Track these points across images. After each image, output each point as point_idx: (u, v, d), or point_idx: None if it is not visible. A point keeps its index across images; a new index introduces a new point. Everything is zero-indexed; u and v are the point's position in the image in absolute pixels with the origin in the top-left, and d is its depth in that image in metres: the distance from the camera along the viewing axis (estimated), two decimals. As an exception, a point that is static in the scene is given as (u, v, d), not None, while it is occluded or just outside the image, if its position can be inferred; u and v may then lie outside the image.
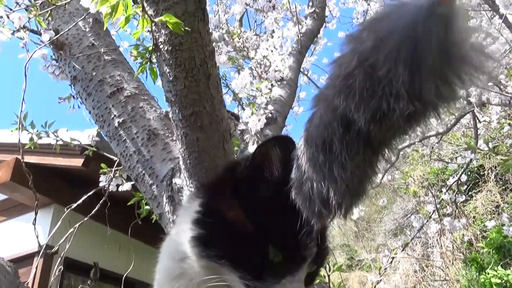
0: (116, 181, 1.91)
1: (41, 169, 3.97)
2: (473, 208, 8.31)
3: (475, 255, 6.93)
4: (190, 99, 1.16)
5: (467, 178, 7.12)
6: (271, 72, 2.82)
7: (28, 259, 3.94)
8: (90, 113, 1.63)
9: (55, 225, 4.10)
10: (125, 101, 1.55)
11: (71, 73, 1.63)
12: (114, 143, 1.55)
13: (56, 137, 1.85)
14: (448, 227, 5.96)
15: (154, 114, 1.55)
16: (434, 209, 5.82)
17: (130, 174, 1.55)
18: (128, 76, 1.60)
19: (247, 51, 3.22)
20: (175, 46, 1.10)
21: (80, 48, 1.60)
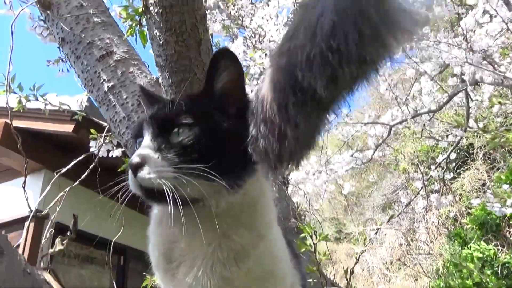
0: (106, 147, 1.90)
1: (31, 134, 3.93)
2: (460, 185, 8.47)
3: (459, 231, 7.11)
4: (181, 65, 1.14)
5: (456, 156, 7.22)
6: (265, 42, 2.77)
7: (19, 223, 3.96)
8: (79, 77, 1.60)
9: (45, 190, 4.12)
10: (115, 65, 1.51)
11: (59, 34, 1.58)
12: (103, 108, 1.53)
13: (44, 100, 1.82)
14: (435, 203, 6.10)
15: (145, 80, 1.52)
16: (422, 186, 5.93)
17: (120, 140, 1.54)
18: (118, 40, 1.56)
19: (242, 20, 3.15)
20: (166, 8, 1.07)
21: (68, 8, 1.55)
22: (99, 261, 4.90)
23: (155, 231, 0.87)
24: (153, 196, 0.76)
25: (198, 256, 0.78)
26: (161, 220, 0.86)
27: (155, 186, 0.73)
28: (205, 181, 0.73)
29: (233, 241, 0.78)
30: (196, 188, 0.73)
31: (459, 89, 4.73)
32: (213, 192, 0.75)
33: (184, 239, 0.80)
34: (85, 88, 1.61)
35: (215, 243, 0.78)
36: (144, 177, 0.73)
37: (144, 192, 0.76)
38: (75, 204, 2.23)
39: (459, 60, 3.95)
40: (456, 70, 4.77)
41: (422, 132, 6.18)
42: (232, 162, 0.76)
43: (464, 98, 5.26)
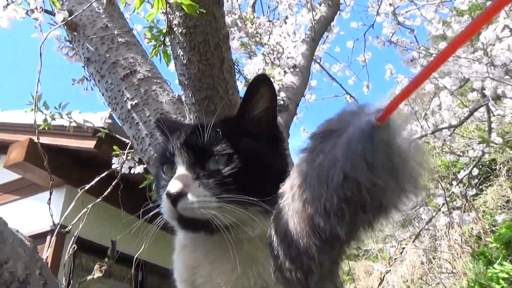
0: (128, 164, 1.93)
1: (54, 150, 4.02)
2: (483, 202, 8.23)
3: (484, 249, 6.88)
4: (204, 83, 1.16)
5: (478, 172, 7.04)
6: (283, 59, 2.79)
7: (41, 237, 4.03)
8: (103, 96, 1.64)
9: (67, 205, 4.18)
10: (138, 84, 1.55)
11: (84, 54, 1.63)
12: (126, 125, 1.56)
13: (69, 118, 1.87)
14: (457, 220, 5.94)
15: (167, 98, 1.55)
16: (444, 202, 5.78)
17: (142, 157, 1.56)
18: (141, 59, 1.60)
19: (260, 37, 3.19)
20: (190, 28, 1.09)
21: (94, 29, 1.60)
22: (118, 275, 4.91)
23: (178, 257, 0.86)
24: (191, 225, 0.75)
25: (221, 283, 0.75)
26: (185, 246, 0.85)
27: (198, 216, 0.71)
28: (246, 208, 0.72)
29: (262, 264, 0.74)
30: (236, 215, 0.72)
31: (481, 104, 4.65)
32: (251, 218, 0.73)
33: (206, 265, 0.78)
34: (109, 106, 1.64)
35: (240, 269, 0.74)
36: (187, 207, 0.72)
37: (181, 222, 0.75)
38: (95, 219, 2.26)
39: (480, 75, 3.90)
40: (476, 85, 4.70)
41: (443, 147, 6.08)
42: (269, 187, 0.73)
43: (486, 113, 5.17)
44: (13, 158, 4.04)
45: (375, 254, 11.24)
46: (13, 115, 4.64)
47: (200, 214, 0.71)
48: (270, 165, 0.77)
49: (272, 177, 0.73)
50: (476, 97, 5.22)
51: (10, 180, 4.70)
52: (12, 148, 4.16)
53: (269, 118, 0.83)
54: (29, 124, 4.07)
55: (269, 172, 0.76)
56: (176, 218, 0.75)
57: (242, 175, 0.74)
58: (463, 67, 4.08)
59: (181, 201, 0.72)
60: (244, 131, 0.81)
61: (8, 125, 4.63)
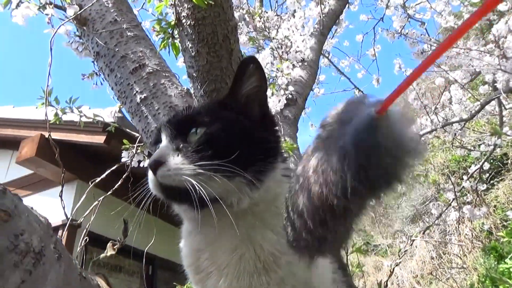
0: (137, 158, 1.94)
1: (64, 146, 4.06)
2: (494, 197, 8.14)
3: (495, 244, 6.81)
4: (212, 75, 1.16)
5: (489, 166, 6.96)
6: (292, 53, 2.78)
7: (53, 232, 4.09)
8: (113, 89, 1.65)
9: (78, 200, 4.22)
10: (147, 77, 1.55)
11: (94, 49, 1.64)
12: (136, 119, 1.57)
13: (80, 113, 1.88)
14: (468, 215, 5.88)
15: (176, 91, 1.55)
16: (454, 197, 5.73)
17: (151, 151, 1.57)
18: (150, 53, 1.61)
19: (268, 31, 3.18)
20: (198, 20, 1.09)
21: (103, 23, 1.61)
22: (128, 269, 4.97)
23: (185, 243, 0.87)
24: (173, 195, 0.77)
25: (223, 265, 0.75)
26: (190, 233, 0.86)
27: (176, 183, 0.73)
28: (226, 176, 0.72)
29: (260, 246, 0.74)
30: (217, 185, 0.72)
31: (492, 97, 4.58)
32: (235, 190, 0.74)
33: (209, 247, 0.79)
34: (118, 100, 1.65)
35: (239, 250, 0.75)
36: (164, 174, 0.74)
37: (164, 192, 0.77)
38: (106, 214, 2.28)
39: (492, 68, 3.84)
40: (488, 78, 4.63)
41: (453, 142, 6.01)
42: (251, 157, 0.76)
43: (497, 106, 5.09)
44: (25, 154, 4.10)
45: (385, 249, 11.20)
46: (24, 111, 4.69)
47: (177, 181, 0.72)
48: (254, 139, 0.78)
49: (255, 150, 0.76)
50: (488, 90, 5.14)
51: (22, 175, 4.76)
52: (24, 144, 4.22)
53: (259, 97, 0.85)
54: (40, 120, 4.12)
55: (252, 145, 0.77)
56: (158, 188, 0.77)
57: (222, 146, 0.75)
58: (474, 59, 4.02)
59: (160, 169, 0.74)
60: (230, 107, 0.84)
61: (19, 121, 4.69)
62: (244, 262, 0.74)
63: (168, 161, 0.75)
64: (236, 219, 0.74)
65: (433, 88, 7.82)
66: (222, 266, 0.75)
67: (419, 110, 5.43)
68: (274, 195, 0.79)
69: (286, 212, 0.56)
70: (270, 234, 0.76)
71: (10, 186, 4.90)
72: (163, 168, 0.74)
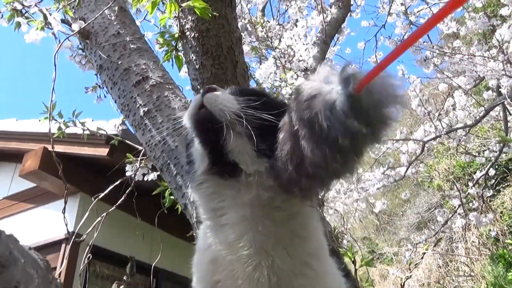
0: (141, 171, 1.92)
1: (68, 158, 4.05)
2: (500, 203, 8.05)
3: (503, 252, 6.72)
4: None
5: (494, 172, 6.89)
6: (295, 62, 2.77)
7: (55, 245, 4.05)
8: (116, 102, 1.63)
9: (81, 213, 4.21)
10: (150, 90, 1.53)
11: (97, 62, 1.63)
12: (139, 132, 1.55)
13: (83, 126, 1.87)
14: (474, 222, 5.81)
15: (179, 103, 1.53)
16: (460, 204, 5.67)
17: (155, 164, 1.55)
18: (153, 65, 1.59)
19: (271, 41, 3.17)
20: (202, 32, 1.08)
21: (106, 36, 1.60)
22: (132, 282, 4.91)
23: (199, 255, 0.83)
24: (203, 126, 0.76)
25: (238, 274, 0.72)
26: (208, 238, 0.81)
27: (217, 112, 0.73)
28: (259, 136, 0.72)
29: (273, 259, 0.71)
30: (248, 136, 0.73)
31: (497, 103, 4.55)
32: (261, 160, 0.74)
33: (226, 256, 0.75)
34: (122, 113, 1.64)
35: (254, 260, 0.71)
36: (212, 98, 0.74)
37: (197, 121, 0.76)
38: (108, 226, 2.26)
39: (496, 73, 3.82)
40: (492, 83, 4.61)
41: (458, 148, 5.96)
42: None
43: (502, 112, 5.06)
44: (28, 167, 4.08)
45: (390, 257, 11.08)
46: (27, 124, 4.69)
47: (219, 110, 0.73)
48: None
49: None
50: (492, 96, 5.11)
51: (25, 188, 4.75)
52: (27, 157, 4.21)
53: None
54: (43, 132, 4.11)
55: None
56: (194, 115, 0.76)
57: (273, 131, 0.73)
58: (478, 65, 4.00)
59: (210, 93, 0.75)
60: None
61: (23, 134, 4.69)
62: (259, 274, 0.71)
63: (221, 92, 0.77)
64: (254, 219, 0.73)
65: (436, 94, 7.80)
66: (237, 275, 0.72)
67: (423, 116, 5.40)
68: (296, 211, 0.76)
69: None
70: (283, 252, 0.73)
71: (13, 199, 4.89)
72: (214, 94, 0.75)
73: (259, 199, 0.74)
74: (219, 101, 0.74)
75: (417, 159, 5.80)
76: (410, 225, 11.05)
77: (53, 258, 3.97)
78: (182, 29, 1.10)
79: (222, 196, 0.77)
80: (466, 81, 4.75)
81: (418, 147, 5.36)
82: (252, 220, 0.73)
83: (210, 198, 0.80)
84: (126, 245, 4.43)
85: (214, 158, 0.77)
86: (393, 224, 12.26)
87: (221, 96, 0.76)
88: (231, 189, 0.76)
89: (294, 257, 0.73)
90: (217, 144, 0.74)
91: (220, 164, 0.76)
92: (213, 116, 0.73)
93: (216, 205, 0.78)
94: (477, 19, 3.83)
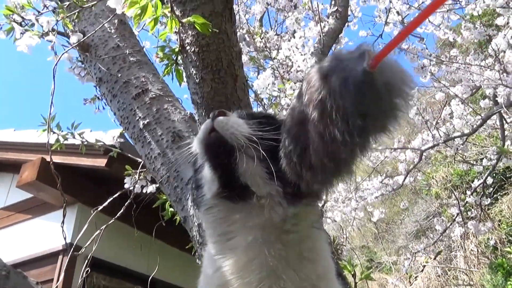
0: (140, 183, 1.91)
1: (65, 169, 4.03)
2: (498, 211, 8.06)
3: (502, 261, 6.71)
4: (217, 101, 1.14)
5: (492, 181, 6.91)
6: (293, 73, 2.79)
7: (52, 257, 4.01)
8: (115, 115, 1.63)
9: (78, 223, 4.18)
10: (150, 102, 1.54)
11: (96, 74, 1.63)
12: (138, 145, 1.55)
13: (82, 138, 1.87)
14: (473, 230, 5.81)
15: (179, 116, 1.54)
16: (458, 212, 5.67)
17: (154, 176, 1.54)
18: (153, 78, 1.60)
19: (269, 51, 3.19)
20: (202, 47, 1.08)
21: (106, 49, 1.61)
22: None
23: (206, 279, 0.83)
24: (213, 149, 0.76)
25: None
26: (218, 269, 0.79)
27: (227, 136, 0.74)
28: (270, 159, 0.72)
29: (284, 283, 0.71)
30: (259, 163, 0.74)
31: (494, 111, 4.58)
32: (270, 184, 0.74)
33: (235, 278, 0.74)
34: (121, 126, 1.64)
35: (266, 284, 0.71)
36: (222, 122, 0.75)
37: (208, 145, 0.77)
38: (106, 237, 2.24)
39: (492, 82, 3.85)
40: (488, 92, 4.64)
41: (455, 156, 5.98)
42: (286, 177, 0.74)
43: (498, 120, 5.09)
44: (26, 178, 4.06)
45: (389, 266, 11.03)
46: (25, 135, 4.68)
47: (230, 134, 0.74)
48: None
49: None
50: (488, 104, 5.15)
51: (22, 199, 4.72)
52: (25, 167, 4.19)
53: None
54: (41, 143, 4.09)
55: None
56: (205, 139, 0.77)
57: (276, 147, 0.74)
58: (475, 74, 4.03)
59: (220, 117, 0.77)
60: None
61: (20, 145, 4.67)
62: None
63: (231, 116, 0.78)
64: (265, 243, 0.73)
65: (433, 102, 7.84)
66: None
67: (421, 125, 5.43)
68: (305, 234, 0.77)
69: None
70: (293, 275, 0.73)
71: (10, 210, 4.85)
72: (224, 118, 0.77)
73: (270, 222, 0.75)
74: (230, 124, 0.75)
75: (415, 167, 5.81)
76: (409, 234, 11.02)
77: (49, 270, 3.93)
78: (182, 43, 1.11)
79: (231, 220, 0.78)
80: (463, 90, 4.78)
81: (416, 156, 5.38)
82: (263, 243, 0.73)
83: (219, 222, 0.80)
84: (123, 256, 4.40)
85: (225, 182, 0.77)
86: (392, 232, 12.23)
87: (231, 120, 0.77)
88: (241, 213, 0.77)
89: (303, 279, 0.73)
90: (228, 167, 0.75)
91: (230, 187, 0.77)
92: (224, 140, 0.74)
93: (225, 229, 0.78)
94: (473, 29, 3.87)
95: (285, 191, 0.74)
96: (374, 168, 6.25)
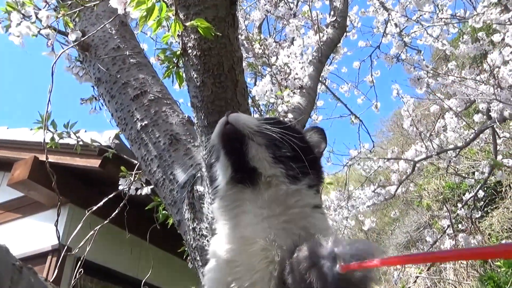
0: (135, 185, 1.90)
1: (58, 168, 3.98)
2: (488, 225, 8.11)
3: (492, 274, 6.73)
4: (217, 106, 1.14)
5: (483, 194, 6.96)
6: (291, 80, 2.80)
7: (41, 257, 3.95)
8: (112, 116, 1.63)
9: (69, 224, 4.13)
10: (148, 104, 1.54)
11: (95, 74, 1.63)
12: (135, 146, 1.54)
13: (77, 138, 1.85)
14: (463, 243, 5.83)
15: (177, 119, 1.53)
16: (449, 224, 5.70)
17: (150, 179, 1.54)
18: (152, 80, 1.60)
19: (268, 58, 3.20)
20: (204, 51, 1.08)
21: (106, 50, 1.60)
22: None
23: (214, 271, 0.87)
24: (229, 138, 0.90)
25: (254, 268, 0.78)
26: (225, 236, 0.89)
27: (240, 127, 0.89)
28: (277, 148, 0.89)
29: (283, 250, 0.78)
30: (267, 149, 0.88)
31: (487, 126, 4.63)
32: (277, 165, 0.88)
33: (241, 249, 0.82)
34: (118, 127, 1.63)
35: (270, 253, 0.78)
36: (235, 117, 0.90)
37: (223, 135, 0.90)
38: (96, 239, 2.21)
39: (486, 97, 3.89)
40: (481, 107, 4.69)
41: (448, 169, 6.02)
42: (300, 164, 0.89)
43: (491, 135, 5.14)
44: (17, 176, 4.01)
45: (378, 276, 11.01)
46: (18, 133, 4.63)
47: (242, 124, 0.89)
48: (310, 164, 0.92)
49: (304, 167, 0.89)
50: (482, 119, 5.20)
51: (12, 198, 4.65)
52: (17, 165, 4.14)
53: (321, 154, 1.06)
54: (33, 142, 4.06)
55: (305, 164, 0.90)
56: (221, 132, 0.91)
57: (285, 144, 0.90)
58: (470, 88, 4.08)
59: (233, 113, 0.92)
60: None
61: (13, 143, 4.62)
62: (273, 266, 0.77)
63: (243, 115, 0.95)
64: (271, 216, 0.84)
65: (427, 115, 7.91)
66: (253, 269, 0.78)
67: (414, 136, 5.47)
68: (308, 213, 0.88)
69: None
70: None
71: (0, 208, 4.78)
72: (236, 114, 0.92)
73: (276, 196, 0.87)
74: (241, 117, 0.92)
75: (408, 178, 5.85)
76: (399, 244, 11.04)
77: (38, 270, 3.88)
78: (184, 47, 1.11)
79: (242, 199, 0.90)
80: (457, 103, 4.83)
81: (409, 167, 5.41)
82: (270, 217, 0.84)
83: (232, 202, 0.92)
84: (113, 259, 4.35)
85: (237, 167, 0.91)
86: (382, 242, 12.24)
87: (243, 115, 0.94)
88: (251, 193, 0.89)
89: None
90: (240, 153, 0.89)
91: (242, 171, 0.90)
92: (237, 130, 0.89)
93: (237, 209, 0.90)
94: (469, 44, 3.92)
95: (287, 173, 0.89)
96: (367, 178, 6.27)
